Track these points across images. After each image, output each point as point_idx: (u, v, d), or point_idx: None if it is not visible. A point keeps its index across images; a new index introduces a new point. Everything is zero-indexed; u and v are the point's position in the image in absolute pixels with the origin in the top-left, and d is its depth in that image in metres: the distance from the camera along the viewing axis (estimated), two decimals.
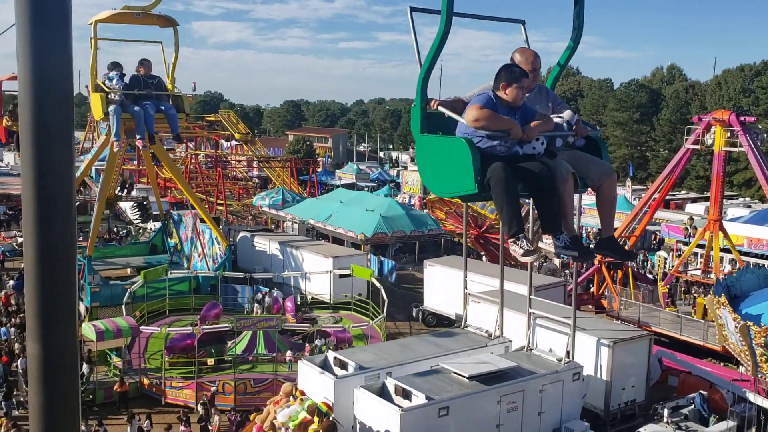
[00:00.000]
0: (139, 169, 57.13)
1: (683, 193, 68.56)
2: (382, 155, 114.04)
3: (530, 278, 21.32)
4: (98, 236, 34.68)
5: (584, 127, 5.26)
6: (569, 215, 4.90)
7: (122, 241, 35.86)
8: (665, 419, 19.60)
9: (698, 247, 35.08)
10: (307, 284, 32.99)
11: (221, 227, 37.13)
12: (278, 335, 25.01)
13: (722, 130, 30.80)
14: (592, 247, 5.88)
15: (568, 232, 4.88)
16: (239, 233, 39.19)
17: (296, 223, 45.16)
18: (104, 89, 27.15)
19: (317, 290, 32.36)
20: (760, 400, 19.94)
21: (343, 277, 30.77)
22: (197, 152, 66.60)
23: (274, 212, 50.17)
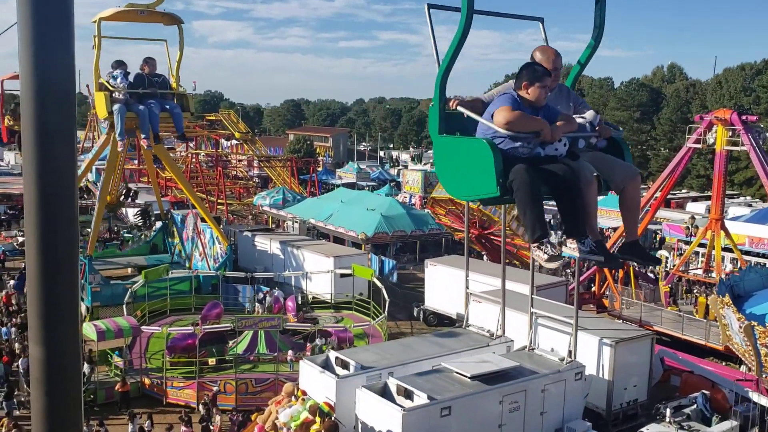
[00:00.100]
0: (139, 168, 57.14)
1: (684, 192, 68.48)
2: (382, 154, 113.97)
3: (532, 278, 21.30)
4: (99, 238, 34.61)
5: (608, 128, 5.14)
6: (593, 219, 4.78)
7: (123, 246, 35.74)
8: (668, 419, 19.55)
9: (700, 246, 35.02)
10: (308, 284, 32.96)
11: (222, 227, 37.06)
12: (279, 335, 24.97)
13: (724, 129, 30.75)
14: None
15: (592, 236, 4.73)
16: (243, 232, 39.13)
17: (297, 222, 45.11)
18: (108, 88, 26.81)
19: (318, 290, 32.33)
20: (763, 399, 19.90)
21: (344, 276, 30.73)
22: (198, 151, 66.58)
23: (274, 212, 50.11)
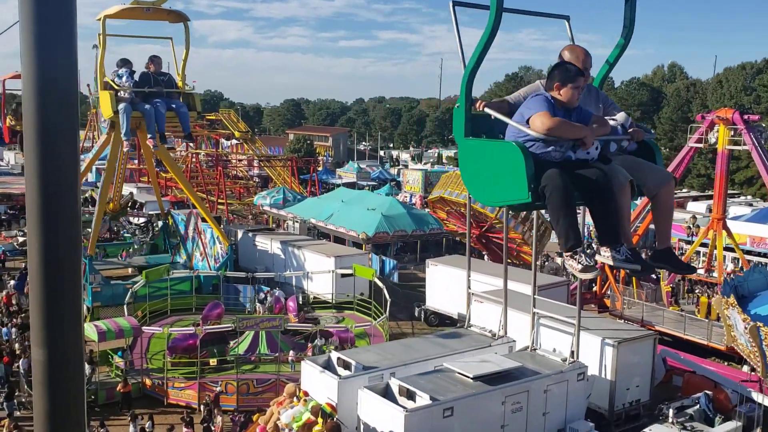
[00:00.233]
0: (139, 168, 57.08)
1: (684, 191, 68.42)
2: (382, 154, 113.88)
3: (534, 278, 21.26)
4: (99, 238, 34.45)
5: (640, 130, 4.98)
6: (627, 225, 4.64)
7: (124, 253, 35.44)
8: (670, 419, 19.52)
9: (701, 245, 34.95)
10: (308, 284, 32.89)
11: (222, 226, 36.98)
12: (281, 335, 24.90)
13: (726, 128, 30.70)
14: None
15: (627, 243, 4.56)
16: (240, 232, 39.03)
17: (297, 222, 45.02)
18: (114, 87, 26.32)
19: (319, 290, 32.27)
20: (767, 400, 19.83)
21: (345, 276, 30.66)
22: (198, 151, 66.45)
23: (275, 211, 50.03)
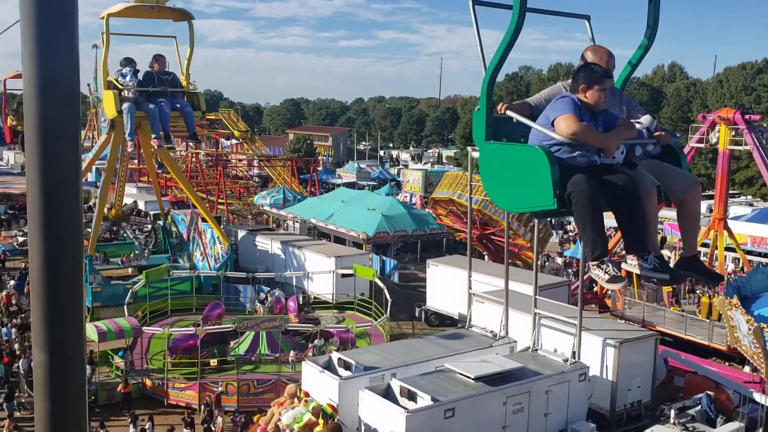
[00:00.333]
0: (139, 168, 57.01)
1: None
2: (382, 154, 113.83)
3: (536, 278, 21.19)
4: (99, 239, 34.31)
5: (667, 134, 4.84)
6: (653, 232, 4.50)
7: (124, 258, 35.22)
8: (672, 420, 19.44)
9: (702, 246, 34.88)
10: (309, 284, 32.82)
11: (222, 226, 36.92)
12: (281, 335, 24.83)
13: (727, 128, 30.65)
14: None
15: (654, 251, 4.44)
16: (240, 232, 38.97)
17: (297, 222, 44.97)
18: (117, 86, 25.90)
19: (319, 290, 32.21)
20: None
21: (345, 276, 30.60)
22: (198, 151, 66.35)
23: (275, 211, 50.00)
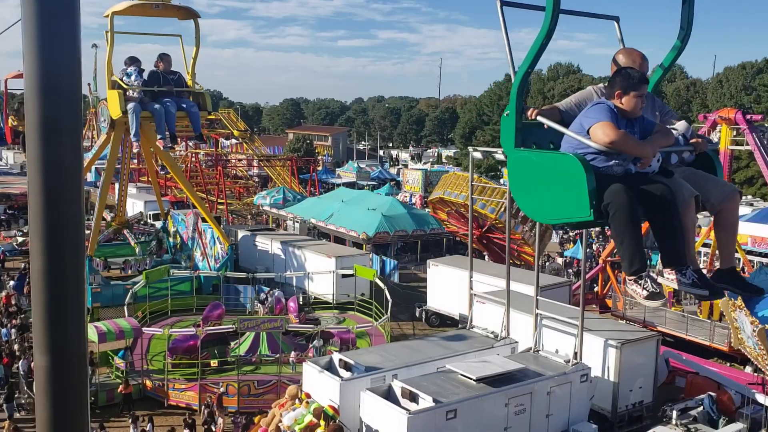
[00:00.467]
0: (139, 167, 56.92)
1: None
2: (381, 153, 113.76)
3: (537, 279, 21.15)
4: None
5: (704, 141, 4.63)
6: (691, 244, 4.31)
7: (125, 264, 34.87)
8: (674, 421, 19.36)
9: (703, 246, 34.79)
10: (309, 284, 32.74)
11: (222, 226, 36.82)
12: (282, 336, 24.76)
13: (728, 128, 30.56)
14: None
15: (692, 264, 4.25)
16: (240, 232, 38.87)
17: (297, 222, 44.89)
18: (122, 86, 25.50)
19: (320, 290, 32.13)
20: None
21: (345, 277, 30.52)
22: (197, 151, 66.29)
23: (275, 211, 49.91)
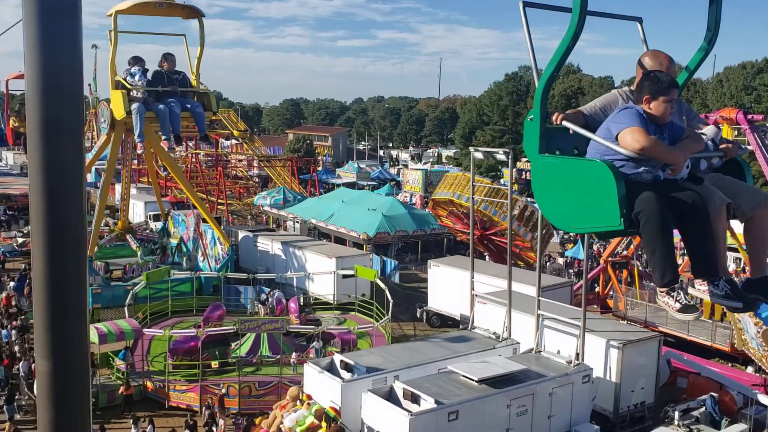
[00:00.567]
0: (139, 168, 56.84)
1: None
2: (382, 153, 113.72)
3: (539, 279, 21.09)
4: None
5: (734, 146, 4.48)
6: (723, 254, 4.18)
7: (127, 269, 34.61)
8: (676, 422, 19.30)
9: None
10: (310, 285, 32.68)
11: (222, 227, 36.75)
12: (282, 337, 24.69)
13: (729, 128, 30.50)
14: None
15: (724, 275, 4.10)
16: (240, 232, 38.80)
17: (298, 222, 44.84)
18: (126, 86, 25.11)
19: (320, 291, 32.06)
20: None
21: (346, 277, 30.46)
22: (197, 151, 66.22)
23: (275, 212, 49.85)
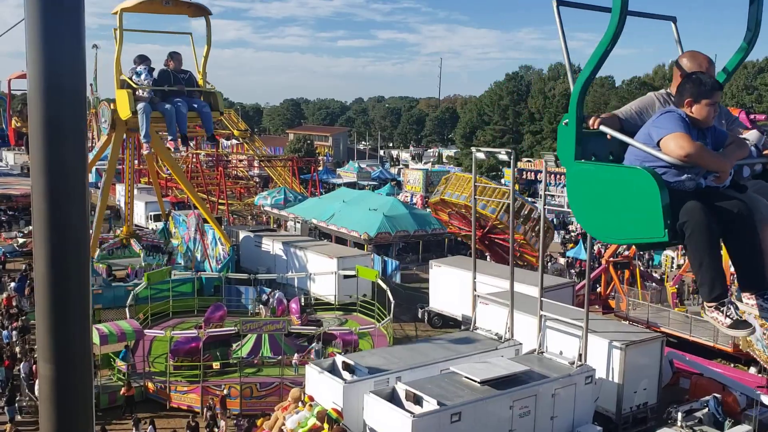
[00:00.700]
0: (140, 168, 56.77)
1: None
2: (382, 153, 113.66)
3: (541, 280, 21.00)
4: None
5: None
6: None
7: (129, 270, 34.38)
8: (679, 423, 19.23)
9: None
10: (311, 285, 32.60)
11: (223, 227, 36.67)
12: (284, 338, 24.62)
13: None
14: None
15: None
16: (241, 233, 38.73)
17: (299, 222, 44.76)
18: (131, 85, 24.78)
19: (322, 291, 31.98)
20: None
21: (347, 278, 30.38)
22: (198, 151, 66.12)
23: (276, 212, 49.78)
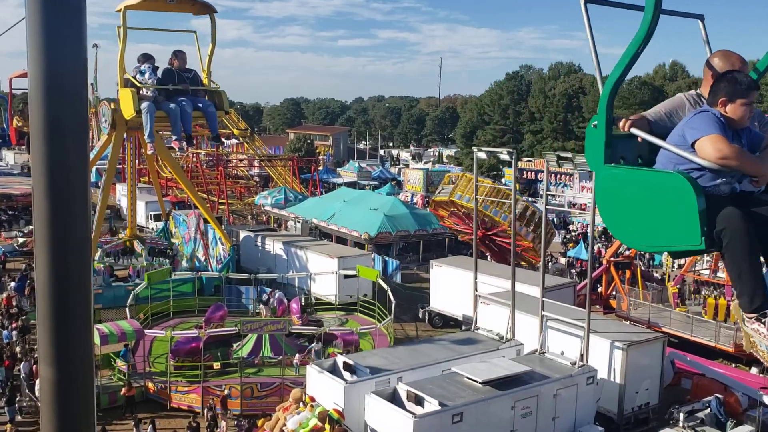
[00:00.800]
0: (140, 167, 56.72)
1: None
2: (382, 153, 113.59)
3: (542, 280, 20.96)
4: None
5: None
6: None
7: (130, 270, 34.18)
8: (681, 423, 19.19)
9: None
10: (312, 285, 32.55)
11: (223, 227, 36.62)
12: (284, 338, 24.57)
13: None
14: None
15: None
16: (242, 233, 38.68)
17: (299, 222, 44.71)
18: (135, 84, 24.47)
19: (322, 291, 31.93)
20: None
21: (348, 277, 30.33)
22: (198, 151, 66.03)
23: (276, 211, 49.72)
